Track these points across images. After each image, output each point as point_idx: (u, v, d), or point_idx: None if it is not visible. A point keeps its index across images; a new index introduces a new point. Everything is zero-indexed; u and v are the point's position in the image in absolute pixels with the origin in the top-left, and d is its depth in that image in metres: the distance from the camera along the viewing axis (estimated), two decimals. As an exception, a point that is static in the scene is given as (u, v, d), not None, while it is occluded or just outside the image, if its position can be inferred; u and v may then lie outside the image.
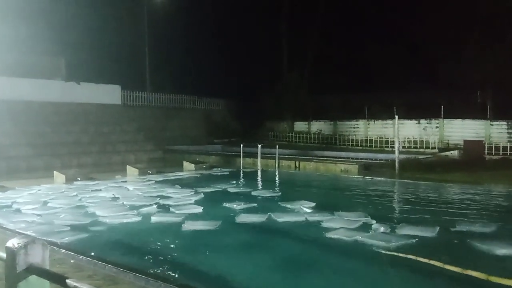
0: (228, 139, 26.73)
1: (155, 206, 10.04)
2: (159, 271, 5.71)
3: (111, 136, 20.50)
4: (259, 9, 30.77)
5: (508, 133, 21.68)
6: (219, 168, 17.80)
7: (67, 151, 17.98)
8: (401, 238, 7.23)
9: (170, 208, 9.80)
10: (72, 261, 5.60)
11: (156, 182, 14.00)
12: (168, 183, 13.80)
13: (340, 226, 7.98)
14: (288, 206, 9.98)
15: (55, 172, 14.59)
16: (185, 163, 18.02)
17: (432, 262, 6.01)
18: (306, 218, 8.83)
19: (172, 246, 7.20)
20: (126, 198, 10.93)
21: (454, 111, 22.34)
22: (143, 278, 4.81)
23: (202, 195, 11.39)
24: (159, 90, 27.72)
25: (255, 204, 10.34)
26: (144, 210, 9.56)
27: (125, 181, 14.43)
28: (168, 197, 11.11)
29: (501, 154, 19.67)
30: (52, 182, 13.94)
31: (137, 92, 26.48)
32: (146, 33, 27.45)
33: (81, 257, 5.72)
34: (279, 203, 10.37)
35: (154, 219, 8.84)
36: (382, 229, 7.87)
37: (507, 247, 6.72)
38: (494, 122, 22.00)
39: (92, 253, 6.06)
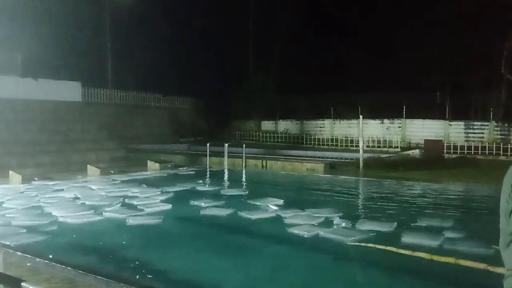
0: (195, 138, 26.40)
1: (120, 205, 9.78)
2: (121, 272, 5.54)
3: (71, 134, 19.77)
4: (227, 7, 30.55)
5: (465, 133, 22.50)
6: (185, 168, 17.56)
7: (23, 150, 17.17)
8: (360, 232, 7.51)
9: (136, 207, 9.57)
10: (28, 264, 5.26)
11: (121, 181, 13.63)
12: (134, 182, 13.48)
13: (303, 222, 8.18)
14: (256, 203, 10.00)
15: (10, 172, 13.93)
16: (150, 163, 17.67)
17: (388, 248, 6.70)
18: (271, 214, 8.96)
19: (136, 245, 7.02)
20: (89, 198, 10.57)
21: (416, 111, 22.97)
22: (104, 280, 4.56)
23: (169, 194, 11.20)
24: (122, 87, 27.00)
25: (222, 202, 10.34)
26: (108, 210, 9.27)
27: (88, 181, 13.97)
28: (134, 197, 10.83)
29: (458, 153, 20.37)
30: (7, 182, 13.30)
31: (99, 89, 25.67)
32: (108, 28, 26.69)
33: (38, 259, 5.36)
34: (247, 201, 10.37)
35: (118, 219, 8.59)
36: (343, 224, 8.12)
37: (456, 233, 7.47)
38: (452, 122, 22.78)
39: (50, 256, 5.74)
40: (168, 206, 9.82)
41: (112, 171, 15.79)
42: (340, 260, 6.43)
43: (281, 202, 10.03)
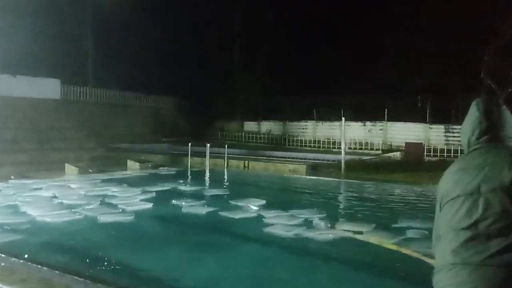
0: (176, 138, 26.14)
1: (99, 205, 9.64)
2: (97, 272, 5.43)
3: (49, 133, 19.34)
4: (212, 6, 30.39)
5: (445, 136, 22.84)
6: (166, 168, 17.36)
7: (0, 148, 16.73)
8: (338, 232, 7.61)
9: (116, 206, 9.45)
10: (3, 264, 5.12)
11: (101, 181, 13.42)
12: (113, 182, 13.27)
13: (283, 222, 8.21)
14: (237, 203, 9.96)
15: (-14, 170, 13.52)
16: (130, 162, 17.43)
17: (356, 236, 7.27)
18: (252, 214, 8.96)
19: (114, 244, 6.94)
20: (67, 197, 10.36)
21: (398, 114, 23.21)
22: (81, 280, 4.52)
23: (149, 194, 11.05)
24: (103, 85, 26.58)
25: (203, 202, 10.33)
26: (87, 209, 9.10)
27: (67, 180, 13.72)
28: (114, 196, 10.67)
29: (438, 156, 20.66)
30: (-17, 180, 12.90)
31: (78, 87, 25.21)
32: (89, 25, 26.25)
33: (13, 259, 5.25)
34: (229, 201, 10.30)
35: (97, 218, 8.44)
36: (322, 224, 8.17)
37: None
38: (433, 126, 23.10)
39: (26, 255, 5.59)
40: (149, 205, 9.75)
41: (91, 170, 15.51)
42: (317, 258, 6.52)
43: (263, 202, 9.98)
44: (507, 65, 20.63)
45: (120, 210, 9.10)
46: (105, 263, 5.89)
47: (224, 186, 13.75)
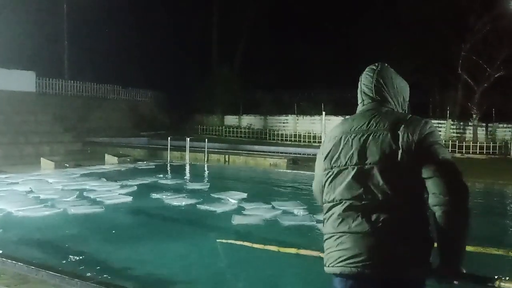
0: (155, 132, 25.80)
1: (78, 199, 9.46)
2: (75, 267, 5.27)
3: (23, 126, 18.78)
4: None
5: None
6: (145, 162, 17.12)
7: (-27, 142, 16.18)
8: (317, 221, 7.62)
9: (94, 200, 9.30)
10: (-25, 260, 4.88)
11: (79, 175, 13.13)
12: (91, 176, 13.02)
13: (263, 214, 8.27)
14: (218, 196, 9.92)
15: (-43, 164, 13.03)
16: (107, 156, 17.11)
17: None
18: (232, 207, 8.95)
19: (94, 239, 6.75)
20: (45, 192, 10.09)
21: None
22: (57, 276, 4.35)
23: (129, 188, 10.89)
24: (79, 78, 25.97)
25: (183, 195, 10.21)
26: (66, 203, 8.88)
27: (44, 174, 13.36)
28: (92, 190, 10.47)
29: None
30: (-46, 175, 12.44)
31: (54, 79, 24.58)
32: (65, 16, 25.56)
33: (-14, 255, 5.02)
34: (210, 194, 10.23)
35: (75, 212, 8.26)
36: (301, 214, 8.32)
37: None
38: (412, 121, 23.36)
39: (1, 251, 5.38)
40: (128, 199, 9.65)
41: (67, 165, 15.14)
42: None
43: (244, 195, 9.96)
44: (484, 61, 21.01)
45: (99, 204, 8.93)
46: (82, 257, 5.74)
47: (205, 180, 13.62)
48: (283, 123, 26.90)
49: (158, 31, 29.76)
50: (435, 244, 1.72)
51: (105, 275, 4.98)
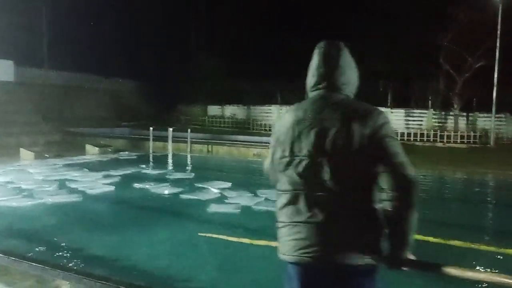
0: (137, 122, 25.48)
1: (60, 189, 9.39)
2: (57, 257, 5.22)
3: (2, 116, 18.37)
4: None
5: (405, 120, 23.38)
6: (127, 152, 16.94)
7: None
8: None
9: (76, 190, 9.24)
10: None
11: (61, 165, 13.02)
12: (73, 166, 12.90)
13: (244, 202, 8.28)
14: (201, 186, 9.90)
15: None
16: (88, 146, 16.90)
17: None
18: (214, 196, 8.96)
19: (76, 228, 6.74)
20: (26, 182, 9.98)
21: (359, 98, 23.40)
22: (39, 266, 4.21)
23: (111, 178, 10.83)
24: (59, 67, 25.44)
25: (167, 185, 10.19)
26: (47, 193, 8.78)
27: (25, 165, 13.13)
28: (74, 181, 10.38)
29: (399, 139, 20.99)
30: None
31: (33, 68, 24.03)
32: (44, 4, 24.93)
33: (-38, 247, 4.88)
34: (194, 184, 10.21)
35: (57, 202, 8.22)
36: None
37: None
38: (394, 110, 23.57)
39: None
40: (111, 189, 9.62)
41: (47, 155, 14.89)
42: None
43: (227, 185, 9.95)
44: (465, 51, 21.19)
45: (81, 194, 8.88)
46: (64, 247, 5.69)
47: (187, 170, 13.59)
48: (267, 113, 26.84)
49: (141, 19, 29.26)
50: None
51: (86, 265, 4.94)
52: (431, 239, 5.89)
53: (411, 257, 1.70)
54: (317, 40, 2.13)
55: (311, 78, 1.97)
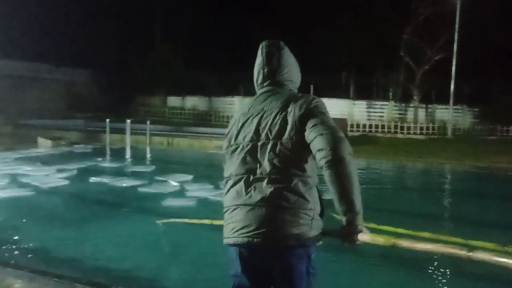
0: (93, 113, 24.47)
1: (11, 183, 8.89)
2: (8, 255, 4.90)
3: None
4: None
5: (367, 111, 23.61)
6: (82, 145, 16.20)
7: None
8: None
9: (29, 185, 8.75)
10: None
11: (13, 159, 12.27)
12: (25, 160, 12.18)
13: (205, 194, 8.15)
14: (161, 179, 9.56)
15: None
16: (40, 139, 16.06)
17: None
18: (173, 188, 8.70)
19: (28, 224, 6.37)
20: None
21: (323, 91, 23.46)
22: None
23: (65, 172, 10.24)
24: (8, 56, 23.96)
25: (125, 178, 9.81)
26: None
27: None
28: (27, 175, 9.77)
29: (361, 131, 21.31)
30: None
31: (-22, 57, 22.52)
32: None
33: None
34: (153, 177, 9.84)
35: (8, 197, 7.82)
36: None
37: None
38: (356, 102, 23.76)
39: None
40: (66, 183, 9.15)
41: (-5, 149, 13.92)
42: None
43: (189, 177, 9.64)
44: (424, 44, 21.57)
45: (34, 189, 8.46)
46: (15, 244, 5.36)
47: (146, 163, 13.14)
48: (229, 104, 26.46)
49: (96, 5, 27.99)
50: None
51: (39, 263, 4.59)
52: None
53: (366, 231, 1.71)
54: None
55: (256, 75, 2.13)
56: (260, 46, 2.14)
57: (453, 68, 20.17)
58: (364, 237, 1.70)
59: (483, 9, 19.06)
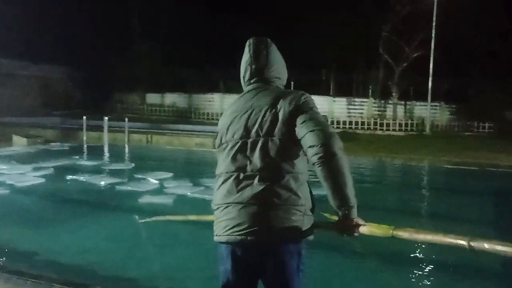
0: (70, 111, 23.99)
1: None
2: None
3: None
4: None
5: (347, 108, 23.77)
6: (58, 143, 15.91)
7: None
8: None
9: (4, 184, 8.61)
10: None
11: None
12: (0, 158, 11.94)
13: (185, 191, 8.10)
14: (141, 177, 9.45)
15: None
16: (15, 137, 15.74)
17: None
18: (152, 186, 8.59)
19: (2, 225, 6.30)
20: None
21: (303, 87, 23.35)
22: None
23: (41, 171, 10.04)
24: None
25: (103, 176, 9.72)
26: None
27: None
28: (1, 173, 9.60)
29: (341, 127, 21.44)
30: None
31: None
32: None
33: None
34: (133, 175, 9.74)
35: None
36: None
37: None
38: (336, 99, 23.89)
39: None
40: (42, 181, 9.00)
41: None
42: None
43: (168, 175, 9.52)
44: (403, 41, 21.83)
45: (9, 188, 8.33)
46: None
47: (125, 161, 12.99)
48: (209, 101, 26.26)
49: (73, 0, 27.39)
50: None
51: (15, 263, 4.44)
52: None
53: (363, 223, 1.74)
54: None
55: (244, 73, 2.12)
56: (247, 43, 2.13)
57: (431, 66, 20.47)
58: (362, 229, 1.73)
59: (460, 8, 19.39)
